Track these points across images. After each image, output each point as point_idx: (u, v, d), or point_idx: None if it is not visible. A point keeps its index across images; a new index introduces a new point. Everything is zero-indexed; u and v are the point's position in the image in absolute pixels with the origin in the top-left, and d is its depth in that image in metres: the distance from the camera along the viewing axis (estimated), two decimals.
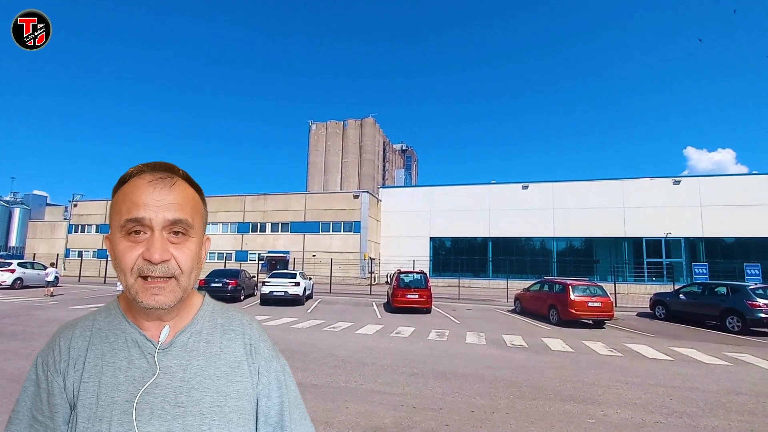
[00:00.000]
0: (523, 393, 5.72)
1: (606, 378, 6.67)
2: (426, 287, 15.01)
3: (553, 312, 13.19)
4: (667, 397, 5.74)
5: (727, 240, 28.79)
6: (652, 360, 8.20)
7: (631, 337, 10.87)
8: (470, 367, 7.14)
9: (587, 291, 12.74)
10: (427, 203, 34.47)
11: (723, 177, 30.72)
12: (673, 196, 29.50)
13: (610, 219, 30.37)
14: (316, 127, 65.19)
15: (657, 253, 29.53)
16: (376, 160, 64.80)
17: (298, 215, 35.04)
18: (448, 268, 32.95)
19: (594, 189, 31.20)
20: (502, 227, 32.45)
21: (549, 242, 32.10)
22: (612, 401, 5.48)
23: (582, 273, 28.12)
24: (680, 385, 6.40)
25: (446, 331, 11.04)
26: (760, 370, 7.58)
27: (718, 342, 10.46)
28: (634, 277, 29.51)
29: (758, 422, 4.86)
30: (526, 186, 32.64)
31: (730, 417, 5.01)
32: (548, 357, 8.21)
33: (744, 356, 8.70)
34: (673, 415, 5.00)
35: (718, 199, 28.71)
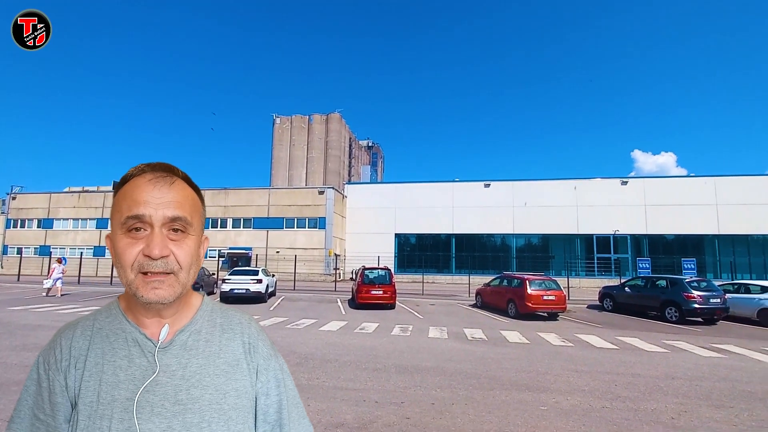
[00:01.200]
0: (481, 384, 5.92)
1: (558, 367, 7.04)
2: (390, 283, 15.13)
3: (511, 306, 13.73)
4: (613, 383, 6.15)
5: (668, 237, 31.18)
6: (599, 349, 8.75)
7: (581, 328, 11.53)
8: (432, 360, 7.29)
9: (543, 285, 13.36)
10: (392, 200, 34.70)
11: (665, 179, 33.37)
12: (621, 196, 31.52)
13: (565, 217, 31.99)
14: (280, 121, 63.68)
15: (606, 249, 31.48)
16: (342, 156, 64.36)
17: (261, 211, 34.17)
18: (413, 264, 33.40)
19: (550, 188, 32.71)
20: (465, 224, 33.30)
21: (509, 239, 33.32)
22: (563, 389, 5.79)
23: (539, 268, 29.48)
24: (624, 371, 6.88)
25: (410, 326, 11.20)
26: (694, 356, 8.29)
27: (658, 331, 11.32)
28: (585, 272, 31.28)
29: (690, 404, 5.31)
30: (488, 184, 33.66)
31: (666, 400, 5.44)
32: (506, 349, 8.55)
33: (680, 344, 9.47)
34: (617, 400, 5.37)
35: (660, 199, 31.00)
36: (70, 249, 35.88)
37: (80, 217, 36.88)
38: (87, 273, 29.48)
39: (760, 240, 30.24)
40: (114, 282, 23.53)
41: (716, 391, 5.89)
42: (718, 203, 30.30)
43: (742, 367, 7.42)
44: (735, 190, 30.30)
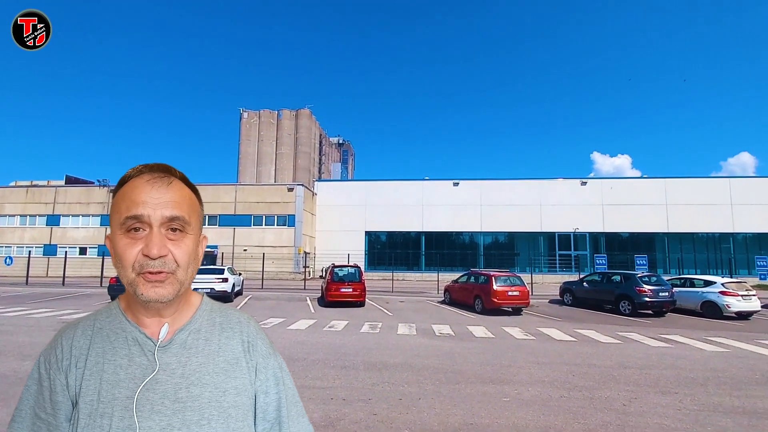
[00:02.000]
0: (448, 378, 6.07)
1: (521, 360, 7.33)
2: (360, 281, 15.15)
3: (478, 301, 14.10)
4: (570, 373, 6.48)
5: (623, 235, 33.02)
6: (559, 341, 9.17)
7: (543, 322, 12.04)
8: (400, 357, 7.39)
9: (508, 281, 13.81)
10: (363, 198, 34.68)
11: (620, 180, 35.36)
12: (580, 196, 33.05)
13: (529, 215, 33.17)
14: (248, 116, 62.00)
15: (567, 246, 32.94)
16: (312, 152, 63.57)
17: (227, 208, 33.18)
18: (383, 262, 33.54)
19: (516, 187, 33.79)
20: (435, 222, 33.80)
21: (477, 236, 34.14)
22: (525, 380, 6.04)
23: (505, 265, 30.40)
24: (581, 362, 7.25)
25: (379, 323, 11.27)
26: (644, 346, 8.86)
27: (612, 323, 12.00)
28: (548, 268, 32.59)
29: (640, 391, 5.69)
30: (456, 183, 34.31)
31: (619, 388, 5.80)
32: (472, 343, 8.79)
33: (632, 335, 10.09)
34: (574, 389, 5.66)
35: (616, 199, 32.77)
36: (17, 247, 33.41)
37: (28, 213, 34.39)
38: (36, 273, 27.55)
39: (705, 238, 32.62)
40: (67, 283, 22.13)
41: (663, 378, 6.32)
42: (668, 203, 32.41)
43: (686, 355, 8.01)
44: (683, 191, 32.51)
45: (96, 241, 33.07)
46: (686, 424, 4.50)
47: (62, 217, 34.00)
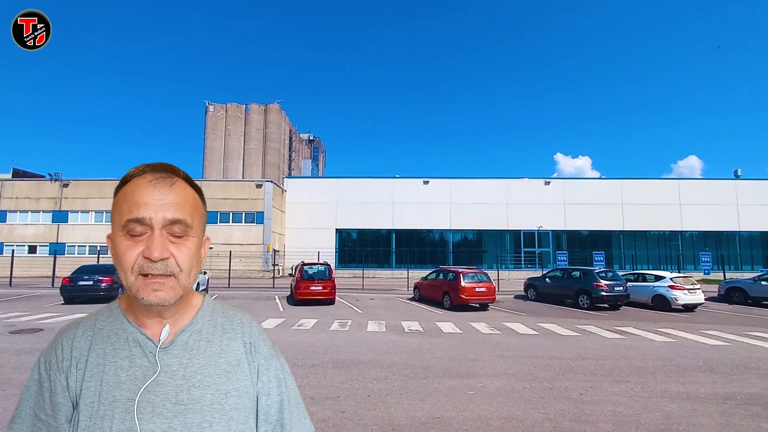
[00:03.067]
0: (416, 374, 6.17)
1: (486, 354, 7.56)
2: (330, 279, 15.07)
3: (446, 298, 14.39)
4: (532, 365, 6.75)
5: (583, 232, 34.62)
6: (522, 335, 9.52)
7: (508, 317, 12.45)
8: (370, 354, 7.43)
9: (475, 278, 14.18)
10: (333, 195, 34.43)
11: (581, 180, 37.09)
12: (544, 195, 34.35)
13: (497, 214, 34.12)
14: (214, 109, 59.91)
15: (532, 243, 34.16)
16: (282, 148, 62.35)
17: None
18: (353, 260, 33.48)
19: (484, 186, 34.64)
20: (405, 220, 34.07)
21: (447, 234, 34.73)
22: (490, 373, 6.24)
23: (473, 262, 31.16)
24: (542, 354, 7.57)
25: (348, 321, 11.27)
26: (600, 338, 9.36)
27: (572, 317, 12.59)
28: (514, 265, 33.67)
29: (596, 380, 6.01)
30: (426, 181, 34.73)
31: (576, 378, 6.10)
32: (440, 339, 8.97)
33: (590, 327, 10.63)
34: (535, 381, 5.91)
35: (577, 198, 34.31)
36: None
37: None
38: None
39: (656, 235, 34.77)
40: (14, 283, 20.60)
41: (617, 368, 6.72)
42: (623, 203, 34.29)
43: (638, 346, 8.54)
44: (637, 191, 34.50)
45: (47, 239, 31.03)
46: (636, 410, 4.81)
47: (9, 213, 31.61)
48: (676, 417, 4.60)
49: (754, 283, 16.42)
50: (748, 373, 6.45)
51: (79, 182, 32.28)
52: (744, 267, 32.75)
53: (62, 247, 30.09)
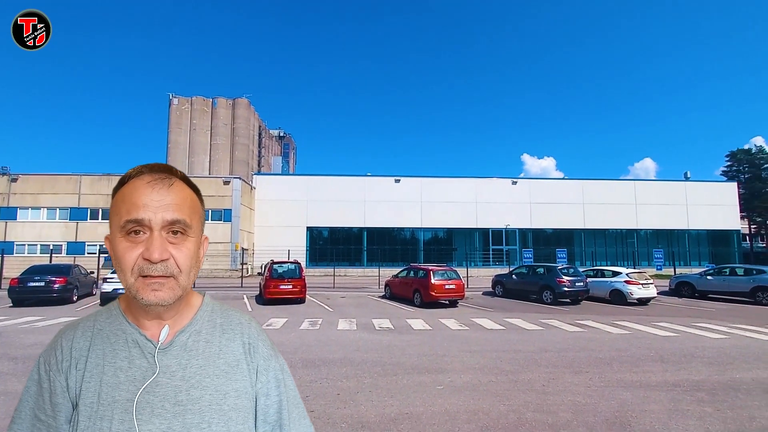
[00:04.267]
0: (386, 371, 6.22)
1: (455, 349, 7.72)
2: (300, 277, 14.89)
3: (417, 295, 14.56)
4: (498, 359, 6.97)
5: (548, 231, 35.98)
6: (490, 330, 9.80)
7: (476, 313, 12.77)
8: (340, 352, 7.41)
9: (445, 275, 14.42)
10: (304, 192, 33.98)
11: (546, 180, 38.56)
12: (511, 194, 35.43)
13: (466, 212, 34.84)
14: (178, 102, 57.56)
15: (499, 241, 35.15)
16: (251, 145, 60.84)
17: None
18: (325, 258, 33.21)
19: (454, 185, 35.28)
20: (377, 218, 34.14)
21: (418, 232, 35.11)
22: (458, 368, 6.38)
23: (443, 259, 31.65)
24: (508, 348, 7.82)
25: (319, 319, 11.19)
26: (562, 331, 9.78)
27: (536, 312, 13.07)
28: (482, 262, 34.53)
29: (558, 372, 6.28)
30: (398, 180, 34.94)
31: (539, 370, 6.35)
32: (410, 336, 9.07)
33: (553, 321, 11.08)
34: (501, 374, 6.10)
35: (542, 197, 35.61)
36: None
37: None
38: None
39: (614, 233, 36.67)
40: None
41: (577, 359, 7.04)
42: (584, 202, 35.92)
43: (597, 338, 8.99)
44: (597, 191, 36.24)
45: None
46: (594, 399, 5.07)
47: None
48: (630, 404, 4.89)
49: (700, 278, 17.66)
50: (695, 362, 6.95)
51: (29, 177, 30.18)
52: (692, 263, 35.12)
53: (10, 246, 28.02)
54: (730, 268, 17.39)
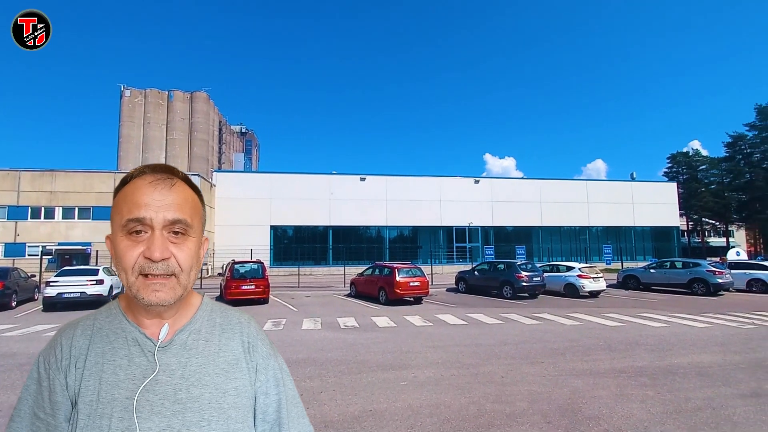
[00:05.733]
0: (350, 369, 6.22)
1: (419, 345, 7.85)
2: (263, 277, 14.54)
3: (382, 293, 14.65)
4: (460, 353, 7.16)
5: (508, 228, 37.32)
6: (453, 326, 10.04)
7: (440, 309, 13.04)
8: (304, 352, 7.33)
9: (409, 273, 14.61)
10: (268, 190, 33.15)
11: (506, 179, 39.98)
12: (474, 193, 36.42)
13: (431, 210, 35.43)
14: (131, 94, 54.29)
15: (463, 238, 36.04)
16: (211, 140, 58.52)
17: (104, 198, 28.76)
18: (289, 257, 32.59)
19: (419, 184, 35.74)
20: (342, 216, 33.93)
21: (383, 230, 35.26)
22: (421, 364, 6.50)
23: (409, 257, 32.01)
24: (470, 343, 8.06)
25: (283, 319, 10.99)
26: (520, 324, 10.20)
27: (496, 306, 13.55)
28: (447, 259, 35.26)
29: (516, 363, 6.55)
30: (363, 178, 34.90)
31: (499, 362, 6.60)
32: (375, 333, 9.12)
33: (511, 315, 11.52)
34: (462, 367, 6.28)
35: (502, 196, 36.88)
36: None
37: None
38: None
39: (569, 230, 38.65)
40: None
41: (534, 351, 7.38)
42: (542, 201, 37.59)
43: (552, 330, 9.45)
44: (554, 190, 38.04)
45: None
46: (548, 388, 5.34)
47: None
48: (581, 391, 5.19)
49: (644, 271, 19.02)
50: (639, 349, 7.48)
51: None
52: (638, 257, 37.67)
53: None
54: (670, 261, 18.87)
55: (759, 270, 17.69)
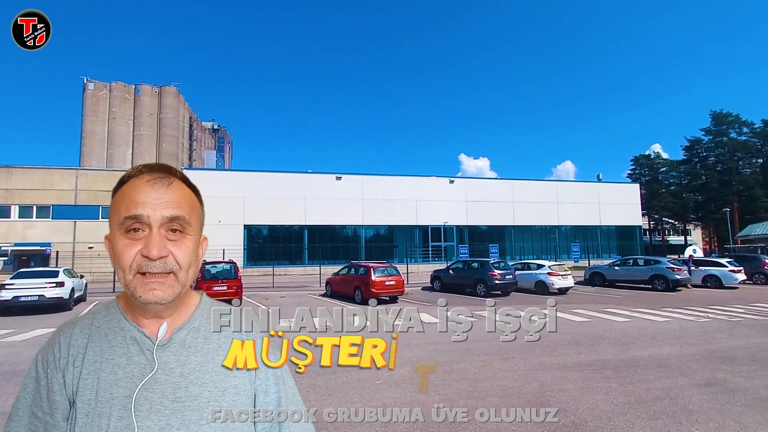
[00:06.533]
0: (324, 370, 6.15)
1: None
2: (236, 277, 14.23)
3: (358, 292, 14.63)
4: (435, 351, 7.26)
5: (482, 228, 38.07)
6: (427, 324, 10.13)
7: (415, 308, 13.15)
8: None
9: (385, 272, 14.67)
10: (241, 189, 32.42)
11: (480, 180, 40.82)
12: (449, 193, 36.94)
13: (407, 210, 35.66)
14: (95, 87, 51.81)
15: (438, 238, 36.48)
16: (181, 137, 56.65)
17: (65, 196, 27.39)
18: (264, 257, 32.01)
19: (395, 183, 35.91)
20: (318, 215, 33.63)
21: (359, 230, 35.20)
22: (396, 363, 6.54)
23: (385, 256, 32.10)
24: (444, 341, 8.15)
25: None
26: (491, 321, 10.43)
27: (470, 304, 13.80)
28: (422, 258, 35.59)
29: (488, 359, 6.70)
30: (339, 177, 34.72)
31: (472, 359, 6.73)
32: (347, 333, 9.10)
33: (483, 312, 11.71)
34: (438, 365, 6.36)
35: (477, 196, 37.59)
36: None
37: None
38: None
39: (539, 229, 39.83)
40: None
41: (505, 347, 7.56)
42: (514, 201, 38.57)
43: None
44: (526, 191, 39.11)
45: None
46: (518, 382, 5.50)
47: None
48: (549, 385, 5.37)
49: (609, 268, 19.87)
50: (603, 343, 7.81)
51: None
52: (603, 255, 39.27)
53: None
54: (633, 259, 19.79)
55: (713, 267, 18.84)
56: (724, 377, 5.71)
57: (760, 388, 5.28)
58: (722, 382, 5.49)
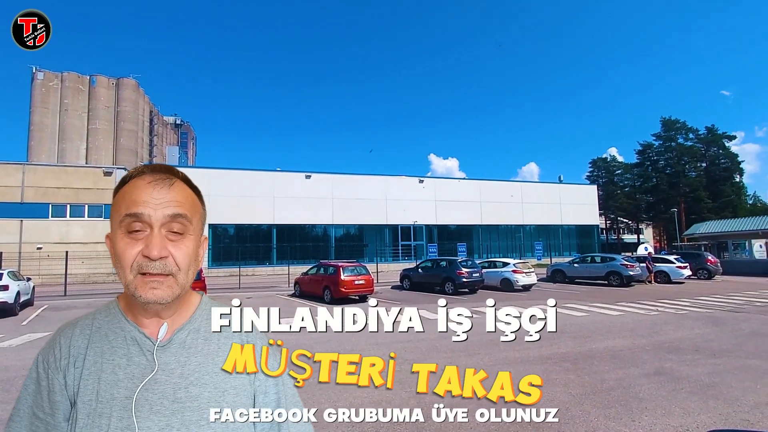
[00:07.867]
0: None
1: (362, 343, 7.91)
2: (199, 278, 13.75)
3: (327, 292, 14.52)
4: (404, 349, 7.34)
5: (451, 227, 38.79)
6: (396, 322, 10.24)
7: (384, 306, 13.23)
8: None
9: (354, 271, 14.64)
10: (206, 187, 31.12)
11: (450, 180, 41.60)
12: (419, 192, 37.38)
13: (376, 209, 35.76)
14: (44, 77, 48.33)
15: (408, 237, 36.82)
16: (140, 131, 53.94)
17: (10, 193, 25.44)
18: (230, 257, 31.11)
19: (365, 182, 35.91)
20: (287, 214, 33.06)
21: (329, 229, 34.93)
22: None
23: (355, 256, 32.02)
24: (413, 338, 8.26)
25: None
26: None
27: (437, 303, 14.04)
28: (392, 257, 35.79)
29: (455, 355, 6.86)
30: (309, 176, 34.30)
31: (439, 356, 6.86)
32: (318, 333, 9.02)
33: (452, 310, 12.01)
34: (405, 363, 6.29)
35: (446, 196, 38.27)
36: None
37: None
38: None
39: (505, 228, 41.13)
40: None
41: (472, 343, 7.74)
42: (482, 201, 39.59)
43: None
44: (492, 191, 40.26)
45: None
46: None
47: None
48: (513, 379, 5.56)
49: (569, 266, 20.81)
50: (563, 337, 8.17)
51: None
52: (564, 253, 41.05)
53: None
54: (590, 257, 20.83)
55: (663, 263, 20.15)
56: (671, 366, 6.13)
57: (702, 375, 5.71)
58: (669, 371, 5.89)
